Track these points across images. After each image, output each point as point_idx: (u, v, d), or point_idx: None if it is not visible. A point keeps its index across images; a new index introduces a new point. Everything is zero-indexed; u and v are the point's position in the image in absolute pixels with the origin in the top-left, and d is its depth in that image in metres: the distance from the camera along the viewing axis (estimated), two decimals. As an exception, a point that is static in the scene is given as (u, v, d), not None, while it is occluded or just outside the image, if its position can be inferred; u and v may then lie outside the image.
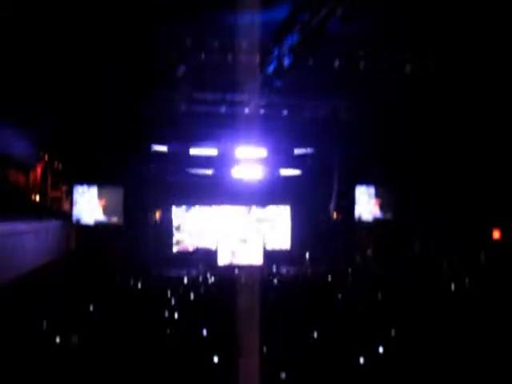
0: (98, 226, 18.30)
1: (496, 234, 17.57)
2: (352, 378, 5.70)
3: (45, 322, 7.67)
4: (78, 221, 18.16)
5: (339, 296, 10.48)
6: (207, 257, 17.73)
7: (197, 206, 19.64)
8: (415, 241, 18.51)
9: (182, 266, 16.32)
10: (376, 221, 20.58)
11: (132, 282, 12.66)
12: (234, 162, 19.61)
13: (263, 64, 12.67)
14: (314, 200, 20.24)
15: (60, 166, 18.52)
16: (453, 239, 16.97)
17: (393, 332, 7.42)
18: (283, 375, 5.45)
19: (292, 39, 10.88)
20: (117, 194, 18.66)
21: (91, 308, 9.10)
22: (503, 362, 5.92)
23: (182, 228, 19.48)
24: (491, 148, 16.70)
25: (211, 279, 13.74)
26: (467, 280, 12.30)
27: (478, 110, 15.69)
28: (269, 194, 19.74)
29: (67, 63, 12.55)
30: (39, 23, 10.69)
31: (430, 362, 5.99)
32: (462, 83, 14.25)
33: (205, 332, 7.60)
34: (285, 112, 17.80)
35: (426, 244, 18.13)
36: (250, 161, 19.78)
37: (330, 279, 13.52)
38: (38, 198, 17.26)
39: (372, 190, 20.71)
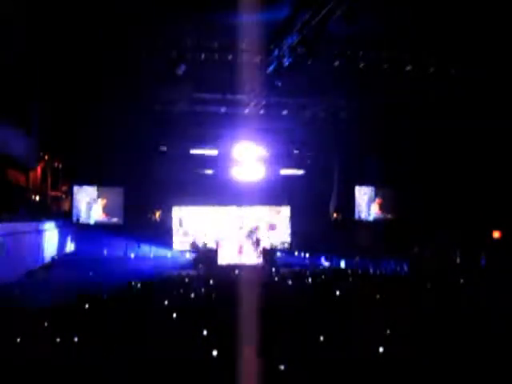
0: (98, 225, 18.29)
1: (496, 234, 17.56)
2: (352, 376, 5.70)
3: (43, 320, 7.66)
4: (78, 221, 18.15)
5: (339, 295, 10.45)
6: (207, 257, 17.72)
7: (197, 206, 19.64)
8: (415, 241, 18.48)
9: (182, 266, 16.30)
10: (376, 221, 20.59)
11: (132, 282, 12.62)
12: (234, 162, 19.60)
13: (263, 64, 12.68)
14: (314, 200, 20.23)
15: (60, 165, 18.53)
16: (453, 239, 16.95)
17: (390, 332, 7.41)
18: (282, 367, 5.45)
19: (292, 39, 10.90)
20: (117, 194, 18.67)
21: (90, 307, 9.08)
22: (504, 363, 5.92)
23: (181, 228, 19.46)
24: (491, 148, 16.71)
25: (211, 279, 13.70)
26: (467, 280, 12.28)
27: (478, 111, 15.69)
28: (269, 193, 19.73)
29: (68, 63, 12.56)
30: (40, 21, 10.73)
31: (430, 363, 5.98)
32: (462, 83, 14.26)
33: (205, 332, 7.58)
34: (285, 112, 17.82)
35: (425, 244, 18.10)
36: (250, 161, 19.77)
37: (329, 279, 13.48)
38: (37, 197, 17.27)
39: (372, 189, 20.73)
